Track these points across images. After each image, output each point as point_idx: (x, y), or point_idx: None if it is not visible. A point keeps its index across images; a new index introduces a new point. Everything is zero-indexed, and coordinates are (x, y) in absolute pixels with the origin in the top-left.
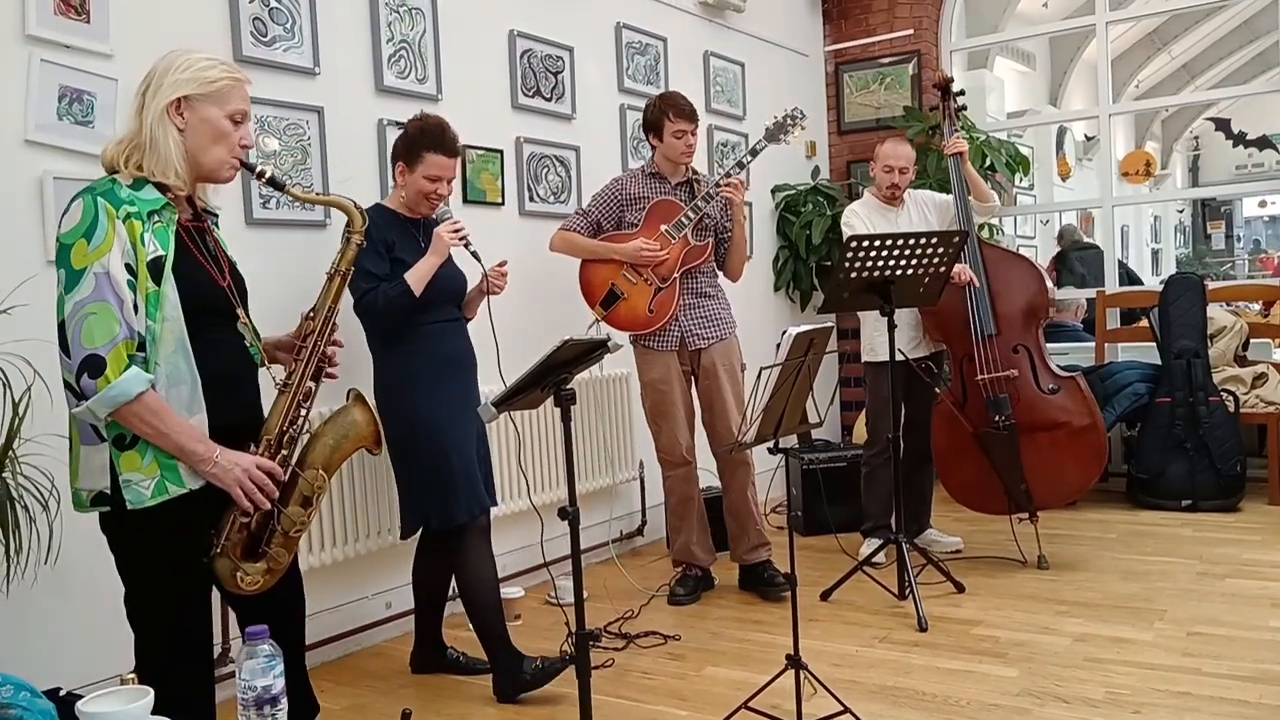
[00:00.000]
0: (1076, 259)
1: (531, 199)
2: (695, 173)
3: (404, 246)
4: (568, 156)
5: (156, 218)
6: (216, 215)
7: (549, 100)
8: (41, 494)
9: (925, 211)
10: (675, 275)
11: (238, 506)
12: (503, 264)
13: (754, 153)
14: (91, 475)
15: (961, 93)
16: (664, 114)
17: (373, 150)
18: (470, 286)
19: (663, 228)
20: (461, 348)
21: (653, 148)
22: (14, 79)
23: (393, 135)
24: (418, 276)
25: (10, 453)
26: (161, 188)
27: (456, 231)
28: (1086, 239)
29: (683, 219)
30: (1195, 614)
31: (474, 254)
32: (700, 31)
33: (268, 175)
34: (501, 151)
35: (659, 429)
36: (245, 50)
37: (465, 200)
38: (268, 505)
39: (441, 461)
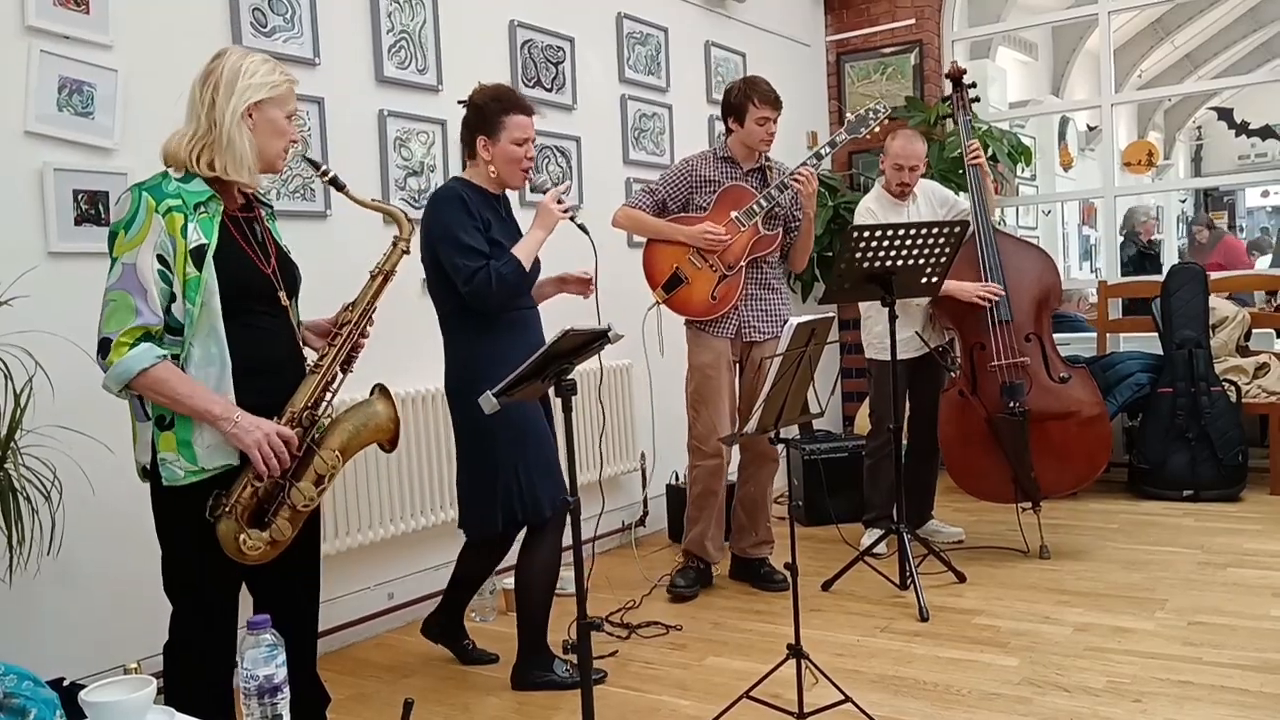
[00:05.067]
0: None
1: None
2: (768, 160)
3: (498, 227)
4: (568, 147)
5: (202, 209)
6: (270, 206)
7: (550, 91)
8: (44, 485)
9: (933, 204)
10: (741, 264)
11: (252, 469)
12: (586, 271)
13: (832, 144)
14: (140, 450)
15: (974, 85)
16: (749, 99)
17: (373, 141)
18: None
19: (733, 214)
20: (540, 337)
21: (729, 131)
22: (14, 70)
23: (394, 125)
24: (526, 250)
25: (12, 444)
26: (212, 181)
27: (561, 203)
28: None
29: (754, 206)
30: (1196, 603)
31: (580, 226)
32: (701, 21)
33: (330, 175)
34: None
35: (697, 414)
36: (245, 41)
37: None
38: (278, 472)
39: (530, 454)
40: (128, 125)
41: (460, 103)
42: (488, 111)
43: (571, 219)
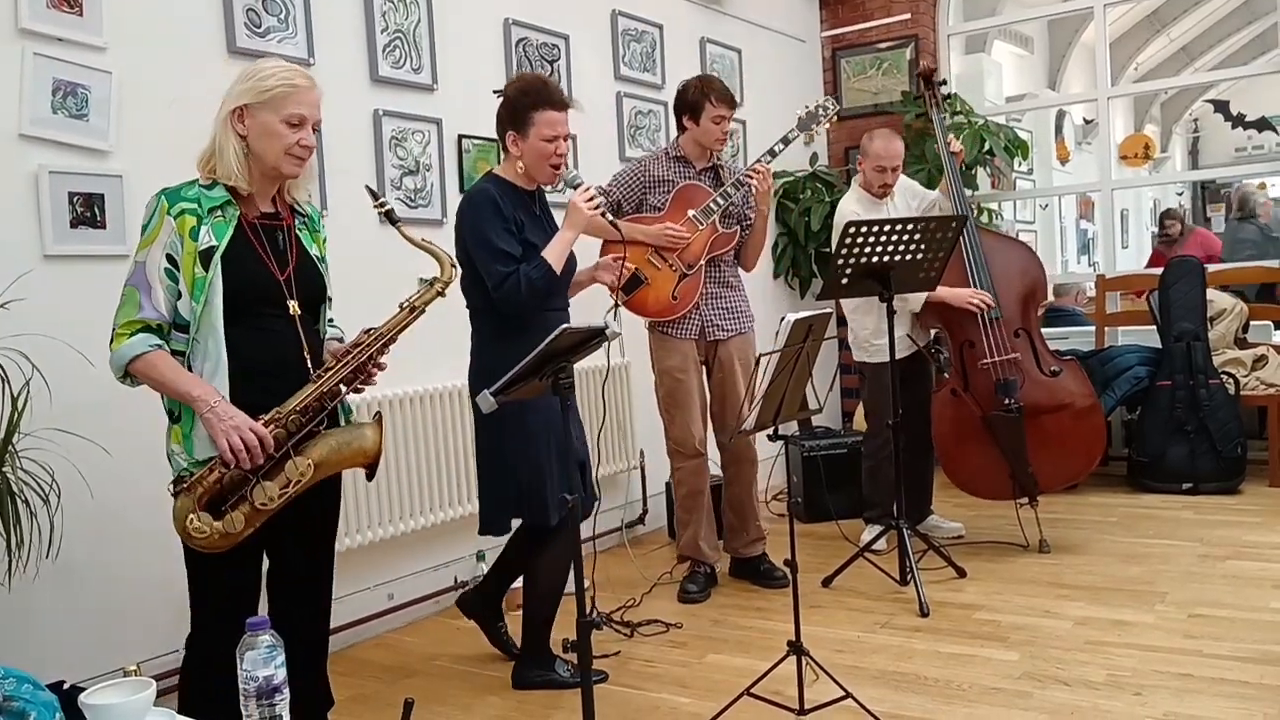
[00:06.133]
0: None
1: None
2: (719, 159)
3: (531, 226)
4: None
5: (218, 213)
6: (306, 216)
7: None
8: (42, 488)
9: (907, 199)
10: (701, 262)
11: (220, 456)
12: (619, 256)
13: (785, 142)
14: (165, 443)
15: (944, 82)
16: (705, 97)
17: (368, 141)
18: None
19: (690, 213)
20: None
21: (681, 129)
22: (7, 73)
23: (389, 125)
24: (556, 253)
25: (10, 447)
26: (231, 188)
27: (591, 200)
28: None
29: (711, 205)
30: (1196, 596)
31: (612, 223)
32: (696, 18)
33: (388, 208)
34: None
35: (671, 418)
36: (239, 42)
37: (462, 190)
38: (249, 465)
39: (542, 457)
40: (122, 127)
41: (495, 93)
42: (517, 107)
43: (602, 215)
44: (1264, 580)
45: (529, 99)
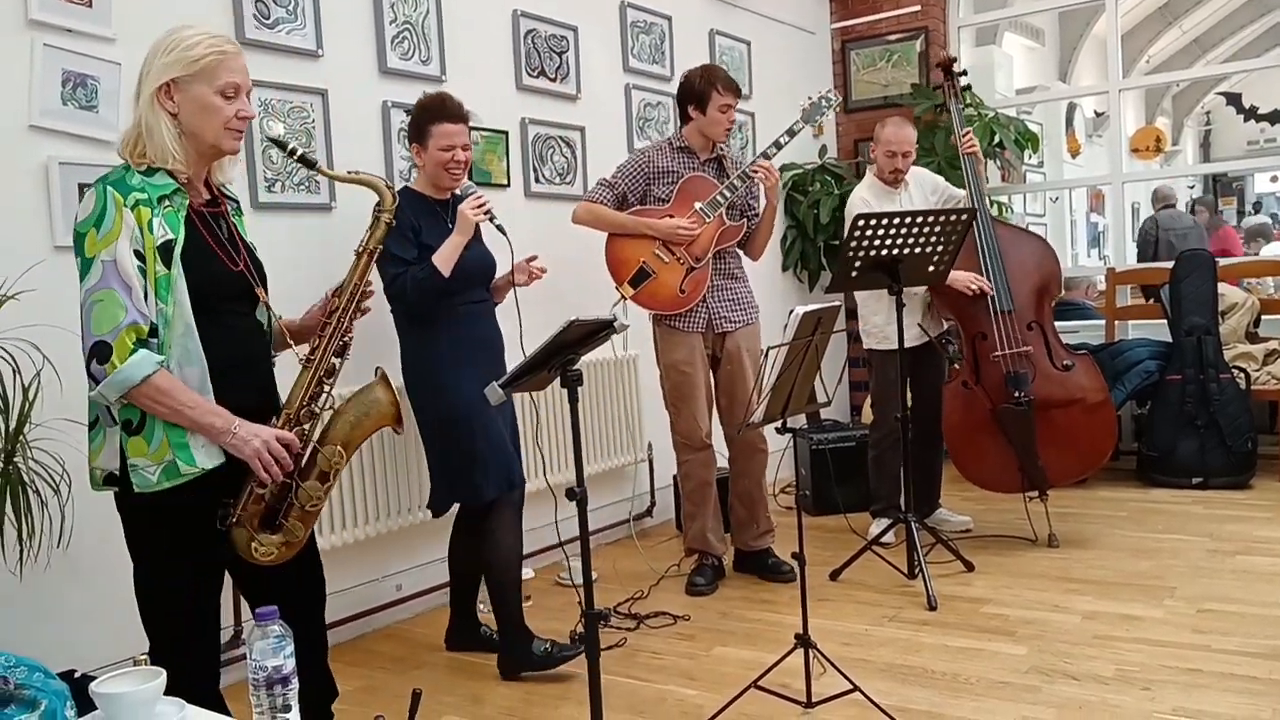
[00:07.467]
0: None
1: (537, 180)
2: (723, 149)
3: (430, 230)
4: (573, 137)
5: (167, 203)
6: (236, 201)
7: (553, 81)
8: (52, 478)
9: (924, 191)
10: (709, 255)
11: (255, 477)
12: (532, 258)
13: (791, 134)
14: (104, 456)
15: (964, 73)
16: (712, 86)
17: (377, 132)
18: (500, 269)
19: (697, 205)
20: (489, 330)
21: (685, 120)
22: (17, 64)
23: (397, 117)
24: (444, 257)
25: (21, 437)
26: (172, 173)
27: (480, 206)
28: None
29: (718, 198)
30: (1205, 591)
31: (499, 228)
32: (706, 10)
33: (299, 154)
34: (506, 133)
35: (678, 412)
36: (248, 33)
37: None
38: (280, 477)
39: (469, 441)
40: (132, 118)
41: (400, 107)
42: (418, 121)
43: (490, 220)
44: (1273, 575)
45: (428, 114)
